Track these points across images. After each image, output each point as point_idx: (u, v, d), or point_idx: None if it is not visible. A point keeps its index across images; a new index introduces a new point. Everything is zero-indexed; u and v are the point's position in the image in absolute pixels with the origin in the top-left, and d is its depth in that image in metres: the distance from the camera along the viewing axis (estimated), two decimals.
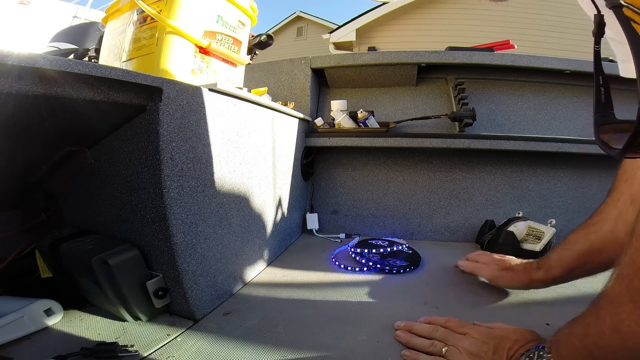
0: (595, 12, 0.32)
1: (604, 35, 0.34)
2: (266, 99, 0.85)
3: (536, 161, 1.13)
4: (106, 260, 0.51)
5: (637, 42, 0.27)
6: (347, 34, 6.21)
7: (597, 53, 0.33)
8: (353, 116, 1.14)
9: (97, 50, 0.97)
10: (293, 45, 10.31)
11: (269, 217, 0.88)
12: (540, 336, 0.43)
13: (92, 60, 1.08)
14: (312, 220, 1.16)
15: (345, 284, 0.74)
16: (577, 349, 0.33)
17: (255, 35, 1.00)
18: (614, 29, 0.35)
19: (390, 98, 1.26)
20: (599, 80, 0.32)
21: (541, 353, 0.38)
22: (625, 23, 0.28)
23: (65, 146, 0.62)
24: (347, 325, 0.56)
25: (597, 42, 0.33)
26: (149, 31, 0.68)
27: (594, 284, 0.72)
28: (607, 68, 0.31)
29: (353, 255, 0.89)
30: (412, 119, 1.18)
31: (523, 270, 0.64)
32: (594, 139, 0.30)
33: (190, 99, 0.57)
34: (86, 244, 0.57)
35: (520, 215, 0.93)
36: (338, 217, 1.20)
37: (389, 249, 0.90)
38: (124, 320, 0.56)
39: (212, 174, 0.63)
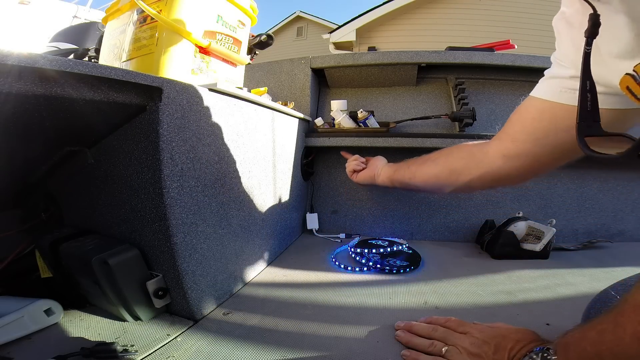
0: (591, 12, 0.32)
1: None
2: (266, 99, 0.85)
3: None
4: (106, 260, 0.51)
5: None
6: (347, 34, 6.21)
7: (587, 55, 0.32)
8: (353, 116, 1.14)
9: (97, 50, 0.97)
10: (293, 45, 10.32)
11: (269, 217, 0.87)
12: (541, 337, 0.43)
13: (92, 60, 1.08)
14: (312, 220, 1.16)
15: (345, 284, 0.74)
16: (588, 354, 0.32)
17: (255, 35, 0.99)
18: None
19: (390, 98, 1.26)
20: (585, 85, 0.31)
21: (546, 355, 0.37)
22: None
23: (65, 146, 0.62)
24: (347, 325, 0.56)
25: (589, 44, 0.32)
26: (149, 31, 0.68)
27: (594, 283, 0.72)
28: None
29: (353, 255, 0.89)
30: (412, 119, 1.18)
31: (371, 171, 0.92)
32: None
33: (190, 99, 0.57)
34: (86, 244, 0.57)
35: (520, 215, 0.93)
36: (338, 217, 1.20)
37: (389, 249, 0.90)
38: (124, 320, 0.56)
39: (212, 174, 0.63)
